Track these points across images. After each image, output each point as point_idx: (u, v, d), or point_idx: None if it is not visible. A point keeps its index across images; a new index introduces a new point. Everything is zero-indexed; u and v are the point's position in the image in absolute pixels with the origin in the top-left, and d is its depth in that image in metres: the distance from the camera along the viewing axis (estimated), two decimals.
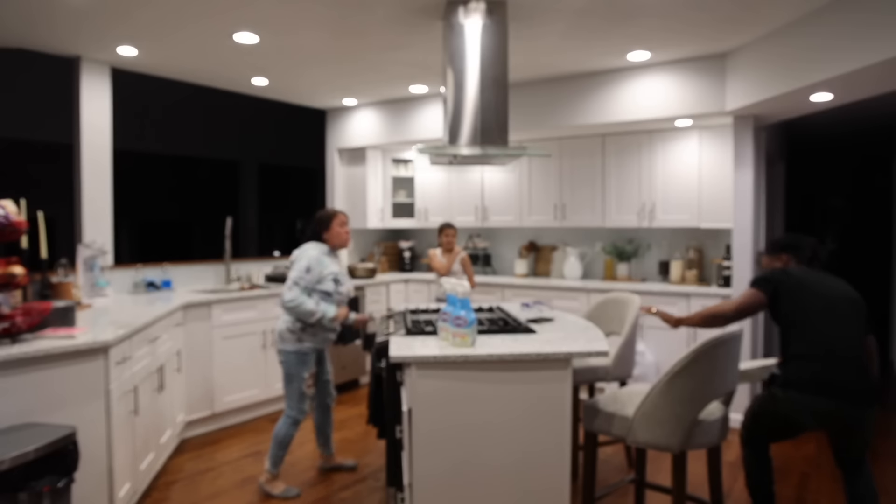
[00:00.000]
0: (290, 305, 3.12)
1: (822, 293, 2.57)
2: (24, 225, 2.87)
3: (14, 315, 2.55)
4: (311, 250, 3.24)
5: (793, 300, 2.58)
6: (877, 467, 3.66)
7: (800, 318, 2.55)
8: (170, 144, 9.72)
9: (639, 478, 3.01)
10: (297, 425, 3.31)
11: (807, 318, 2.54)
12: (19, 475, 2.10)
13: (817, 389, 2.42)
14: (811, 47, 3.38)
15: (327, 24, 3.66)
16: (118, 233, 4.92)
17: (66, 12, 3.45)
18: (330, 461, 3.66)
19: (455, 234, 4.76)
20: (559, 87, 4.94)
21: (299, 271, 3.16)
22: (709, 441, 2.46)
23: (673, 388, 2.34)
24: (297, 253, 3.31)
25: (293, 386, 3.28)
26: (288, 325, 3.26)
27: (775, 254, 2.87)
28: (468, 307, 2.47)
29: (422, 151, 3.20)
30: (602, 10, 3.40)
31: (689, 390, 2.32)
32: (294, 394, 3.28)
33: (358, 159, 6.29)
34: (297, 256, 3.27)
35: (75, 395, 2.61)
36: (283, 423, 3.29)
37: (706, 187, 4.75)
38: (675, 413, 2.35)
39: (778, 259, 2.85)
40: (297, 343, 3.25)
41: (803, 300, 2.57)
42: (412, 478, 2.36)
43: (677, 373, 2.33)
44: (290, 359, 3.27)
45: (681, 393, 2.33)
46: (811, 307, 2.55)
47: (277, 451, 3.30)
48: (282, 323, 3.30)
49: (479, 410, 2.36)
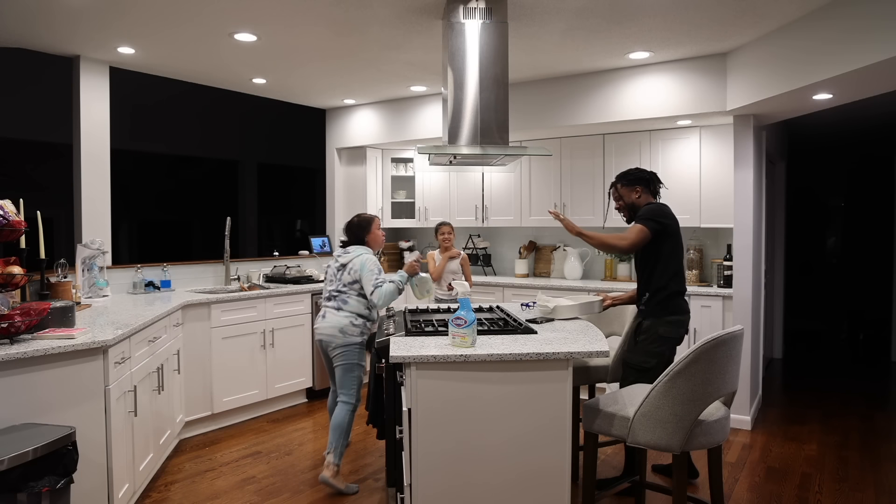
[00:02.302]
0: (382, 301, 3.36)
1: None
2: (23, 225, 2.86)
3: (13, 315, 2.54)
4: (364, 252, 3.50)
5: (674, 242, 3.15)
6: (879, 468, 3.67)
7: (677, 259, 3.16)
8: (168, 144, 9.69)
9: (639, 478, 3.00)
10: (355, 412, 3.48)
11: (679, 259, 3.17)
12: (18, 476, 2.09)
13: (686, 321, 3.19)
14: (811, 47, 3.37)
15: (327, 23, 3.65)
16: (117, 233, 4.91)
17: (65, 11, 3.44)
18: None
19: (451, 233, 4.68)
20: (559, 87, 4.93)
21: (372, 272, 3.39)
22: (710, 441, 2.45)
23: (673, 388, 2.33)
24: (345, 258, 3.52)
25: (353, 375, 3.46)
26: (351, 320, 3.43)
27: (631, 185, 3.29)
28: (468, 307, 2.47)
29: (421, 151, 3.19)
30: (602, 10, 3.39)
31: (689, 390, 2.32)
32: (354, 382, 3.47)
33: (357, 159, 6.28)
34: (348, 260, 3.48)
35: (74, 395, 2.60)
36: (345, 412, 3.42)
37: (707, 187, 4.74)
38: (675, 413, 2.34)
39: (634, 190, 3.29)
40: (360, 336, 3.47)
41: (678, 243, 3.18)
42: (412, 478, 2.36)
43: (677, 373, 2.32)
44: (354, 350, 3.45)
45: (681, 393, 2.32)
46: (681, 250, 3.20)
47: (342, 440, 3.41)
48: (342, 319, 3.43)
49: (479, 410, 2.35)
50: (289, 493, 3.34)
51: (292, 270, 5.29)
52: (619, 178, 3.35)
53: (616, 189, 3.35)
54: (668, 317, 3.12)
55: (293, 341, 4.91)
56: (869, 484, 3.43)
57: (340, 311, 3.43)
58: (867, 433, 4.27)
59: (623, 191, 3.32)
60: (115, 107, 4.58)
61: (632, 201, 3.30)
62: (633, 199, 3.29)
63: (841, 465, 3.69)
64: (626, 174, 3.34)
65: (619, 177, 3.36)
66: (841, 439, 4.14)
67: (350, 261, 3.46)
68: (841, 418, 4.59)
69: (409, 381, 2.35)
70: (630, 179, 3.31)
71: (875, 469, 3.64)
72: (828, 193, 8.50)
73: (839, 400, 5.06)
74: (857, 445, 4.03)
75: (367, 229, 3.59)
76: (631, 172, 3.34)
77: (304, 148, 9.62)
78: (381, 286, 3.33)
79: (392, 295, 3.33)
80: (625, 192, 3.32)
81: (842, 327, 7.87)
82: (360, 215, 3.68)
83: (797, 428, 4.38)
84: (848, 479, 3.49)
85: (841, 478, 3.52)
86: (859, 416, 4.65)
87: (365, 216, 3.65)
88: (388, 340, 2.61)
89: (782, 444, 4.05)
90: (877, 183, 7.64)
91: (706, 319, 4.46)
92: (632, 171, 3.35)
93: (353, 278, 3.43)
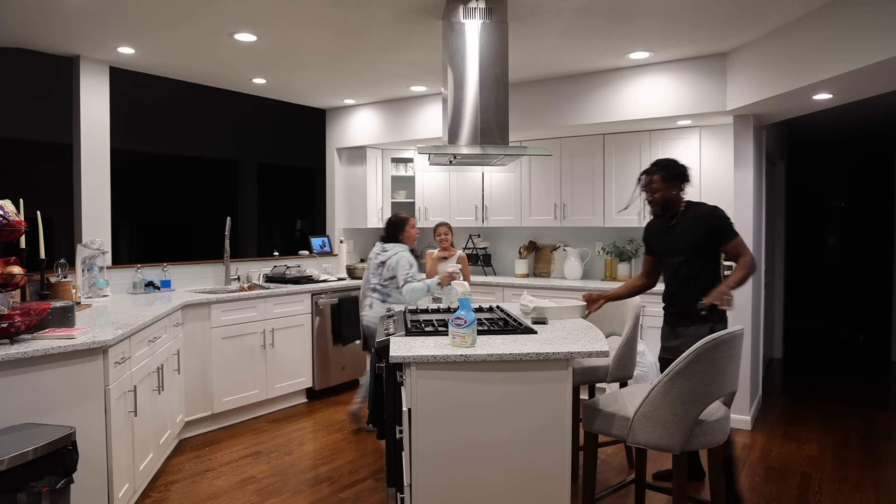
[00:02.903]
0: (410, 297, 3.69)
1: None
2: (23, 225, 2.86)
3: (13, 315, 2.54)
4: (399, 250, 3.90)
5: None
6: (879, 468, 3.67)
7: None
8: (168, 144, 9.69)
9: (639, 478, 3.00)
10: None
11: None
12: (18, 476, 2.09)
13: None
14: (811, 47, 3.37)
15: (327, 23, 3.65)
16: (117, 233, 4.91)
17: (65, 12, 3.44)
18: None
19: (448, 233, 4.63)
20: (559, 87, 4.93)
21: (405, 268, 3.79)
22: (710, 441, 2.44)
23: (673, 388, 2.33)
24: (383, 255, 3.94)
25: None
26: (381, 315, 3.73)
27: (672, 180, 3.04)
28: (468, 307, 2.47)
29: (421, 151, 3.19)
30: (603, 10, 3.39)
31: (689, 390, 2.31)
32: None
33: (357, 159, 6.28)
34: (386, 258, 3.91)
35: (74, 395, 2.60)
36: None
37: (707, 187, 4.74)
38: (675, 413, 2.33)
39: (674, 186, 3.05)
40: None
41: None
42: (412, 478, 2.36)
43: (677, 373, 2.31)
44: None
45: (681, 393, 2.32)
46: None
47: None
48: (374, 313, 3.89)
49: (479, 410, 2.35)
50: (289, 493, 3.34)
51: (292, 270, 5.29)
52: (659, 169, 3.03)
53: (652, 180, 3.03)
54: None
55: (293, 341, 4.91)
56: (869, 484, 3.43)
57: (385, 302, 3.87)
58: (867, 433, 4.27)
59: (661, 184, 3.02)
60: (115, 107, 4.58)
61: (669, 197, 3.03)
62: (671, 195, 3.03)
63: (841, 465, 3.69)
64: (669, 166, 3.03)
65: (659, 166, 3.04)
66: (841, 439, 4.14)
67: (388, 258, 3.90)
68: (841, 418, 4.59)
69: (409, 381, 2.35)
70: (672, 173, 3.02)
71: (875, 469, 3.64)
72: (828, 193, 8.50)
73: (839, 400, 5.06)
74: (857, 445, 4.03)
75: (402, 228, 4.00)
76: (673, 165, 3.04)
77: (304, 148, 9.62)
78: (412, 282, 3.70)
79: (420, 292, 3.67)
80: (663, 186, 3.02)
81: (842, 327, 7.87)
82: (396, 214, 4.08)
83: (797, 428, 4.38)
84: (848, 479, 3.49)
85: (841, 478, 3.52)
86: (859, 416, 4.65)
87: (401, 216, 4.05)
88: (388, 340, 2.60)
89: (782, 444, 4.05)
90: (877, 183, 7.64)
91: None
92: (673, 163, 3.05)
93: (391, 274, 3.86)
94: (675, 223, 3.08)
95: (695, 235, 2.99)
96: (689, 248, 3.00)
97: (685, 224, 3.04)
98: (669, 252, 3.13)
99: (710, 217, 2.98)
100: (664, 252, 3.17)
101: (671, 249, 3.11)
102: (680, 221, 3.07)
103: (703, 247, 2.98)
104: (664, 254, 3.18)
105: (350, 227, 6.38)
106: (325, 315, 5.14)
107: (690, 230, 3.01)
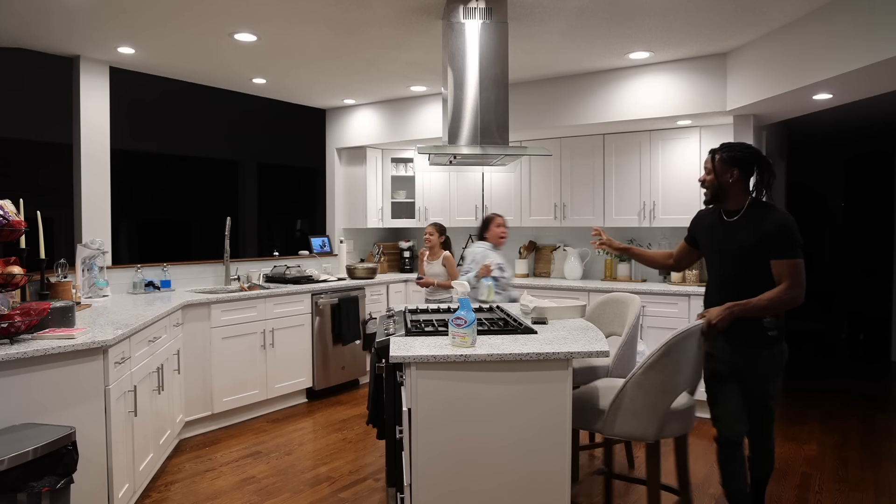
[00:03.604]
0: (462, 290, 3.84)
1: None
2: (23, 225, 2.86)
3: (13, 315, 2.54)
4: (478, 247, 4.20)
5: None
6: (879, 468, 3.67)
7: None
8: (168, 144, 9.70)
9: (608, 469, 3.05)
10: None
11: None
12: (18, 476, 2.09)
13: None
14: (811, 47, 3.37)
15: (327, 22, 3.65)
16: (117, 233, 4.91)
17: (65, 12, 3.44)
18: None
19: (434, 233, 4.63)
20: (559, 87, 4.93)
21: (467, 263, 4.15)
22: (680, 429, 2.59)
23: (647, 380, 2.43)
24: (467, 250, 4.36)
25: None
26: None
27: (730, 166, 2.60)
28: (468, 307, 2.46)
29: (421, 151, 3.19)
30: (603, 10, 3.39)
31: (661, 381, 2.42)
32: None
33: (357, 159, 6.28)
34: (467, 253, 4.29)
35: (74, 395, 2.60)
36: None
37: None
38: (649, 404, 2.44)
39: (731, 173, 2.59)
40: None
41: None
42: (412, 478, 2.36)
43: (650, 365, 2.41)
44: None
45: (654, 384, 2.42)
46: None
47: None
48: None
49: (479, 410, 2.35)
50: (289, 493, 3.34)
51: (292, 270, 5.29)
52: (722, 149, 2.65)
53: (712, 159, 2.65)
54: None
55: (293, 341, 4.90)
56: (869, 484, 3.43)
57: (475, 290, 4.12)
58: (867, 433, 4.27)
59: (719, 165, 2.60)
60: (115, 107, 4.58)
61: (723, 182, 2.60)
62: (726, 180, 2.59)
63: (841, 465, 3.69)
64: (733, 147, 2.63)
65: (723, 147, 2.66)
66: (841, 439, 4.14)
67: (467, 253, 4.29)
68: (841, 418, 4.59)
69: (409, 381, 2.35)
70: (733, 156, 2.59)
71: (875, 469, 3.64)
72: (828, 193, 8.50)
73: (839, 400, 5.06)
74: (857, 445, 4.03)
75: (487, 227, 4.24)
76: (738, 148, 2.62)
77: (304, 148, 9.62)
78: (462, 277, 4.06)
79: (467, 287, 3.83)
80: (720, 168, 2.60)
81: (842, 327, 7.87)
82: (487, 214, 4.37)
83: (797, 428, 4.38)
84: (848, 479, 3.49)
85: (841, 478, 3.52)
86: (859, 416, 4.65)
87: (487, 216, 4.29)
88: (388, 340, 2.60)
89: (782, 444, 4.05)
90: (877, 182, 7.64)
91: None
92: (740, 146, 2.63)
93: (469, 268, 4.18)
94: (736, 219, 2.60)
95: (749, 237, 2.52)
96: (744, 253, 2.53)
97: (742, 223, 2.57)
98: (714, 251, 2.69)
99: (774, 222, 2.47)
100: (708, 248, 2.74)
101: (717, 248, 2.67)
102: (741, 218, 2.59)
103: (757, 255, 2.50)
104: (708, 250, 2.75)
105: (350, 227, 6.38)
106: (325, 315, 5.14)
107: (746, 230, 2.54)
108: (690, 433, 4.31)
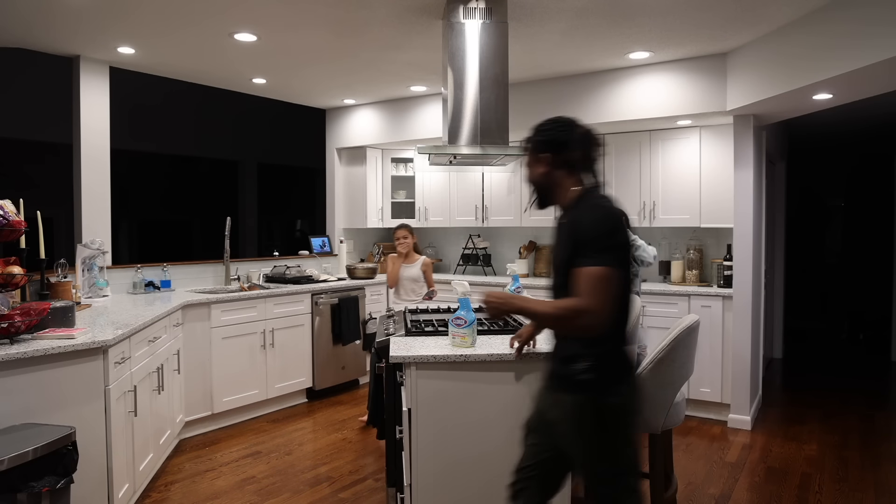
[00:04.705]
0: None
1: None
2: (23, 225, 2.86)
3: (13, 315, 2.54)
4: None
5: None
6: (879, 468, 3.67)
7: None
8: (168, 144, 9.70)
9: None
10: None
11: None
12: (18, 476, 2.09)
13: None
14: (811, 47, 3.37)
15: (327, 23, 3.65)
16: (117, 233, 4.91)
17: (65, 12, 3.44)
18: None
19: (408, 236, 4.30)
20: (559, 87, 4.93)
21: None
22: (674, 421, 2.64)
23: (657, 373, 2.45)
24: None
25: None
26: None
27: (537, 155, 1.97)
28: (468, 307, 2.47)
29: (421, 151, 3.19)
30: (603, 10, 3.39)
31: (669, 374, 2.46)
32: None
33: (357, 159, 6.28)
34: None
35: (74, 395, 2.60)
36: None
37: (707, 187, 4.74)
38: (657, 396, 2.48)
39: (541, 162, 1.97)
40: None
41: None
42: (412, 478, 2.36)
43: (660, 359, 2.44)
44: None
45: (663, 377, 2.46)
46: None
47: None
48: None
49: (479, 410, 2.35)
50: (289, 493, 3.34)
51: (292, 270, 5.29)
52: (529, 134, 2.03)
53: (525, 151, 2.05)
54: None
55: (293, 341, 4.90)
56: (869, 484, 3.43)
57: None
58: (867, 433, 4.27)
59: (530, 156, 2.01)
60: (115, 107, 4.58)
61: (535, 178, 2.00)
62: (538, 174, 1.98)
63: (841, 465, 3.69)
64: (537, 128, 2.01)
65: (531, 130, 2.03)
66: (841, 439, 4.14)
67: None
68: (841, 418, 4.59)
69: (409, 381, 2.35)
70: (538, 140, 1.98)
71: (875, 469, 3.64)
72: (828, 193, 8.50)
73: (839, 399, 5.06)
74: (857, 445, 4.03)
75: None
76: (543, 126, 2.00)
77: (304, 148, 9.62)
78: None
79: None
80: (531, 159, 2.00)
81: (842, 327, 7.87)
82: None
83: (797, 428, 4.38)
84: (848, 479, 3.49)
85: (841, 478, 3.52)
86: (859, 415, 4.65)
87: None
88: (388, 340, 2.61)
89: (782, 444, 4.05)
90: (877, 183, 7.64)
91: (706, 319, 4.45)
92: (545, 126, 1.99)
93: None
94: (562, 220, 1.94)
95: (567, 241, 1.84)
96: (562, 262, 1.86)
97: (565, 224, 1.90)
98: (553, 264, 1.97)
99: (579, 219, 1.81)
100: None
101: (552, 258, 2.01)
102: (565, 217, 1.92)
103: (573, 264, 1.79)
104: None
105: (350, 227, 6.38)
106: (324, 315, 5.14)
107: (567, 233, 1.86)
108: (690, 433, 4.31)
